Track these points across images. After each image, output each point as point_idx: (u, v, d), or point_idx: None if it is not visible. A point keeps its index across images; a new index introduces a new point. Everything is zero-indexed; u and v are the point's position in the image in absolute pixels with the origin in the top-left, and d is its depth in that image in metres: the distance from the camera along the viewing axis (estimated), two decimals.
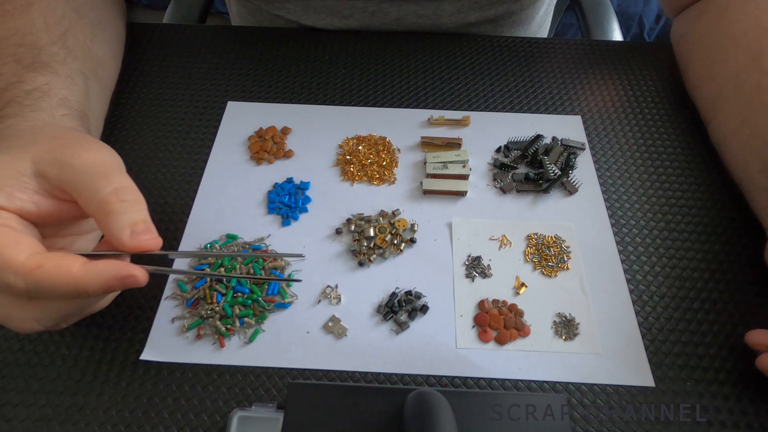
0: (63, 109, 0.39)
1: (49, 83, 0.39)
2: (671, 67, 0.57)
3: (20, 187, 0.30)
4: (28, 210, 0.30)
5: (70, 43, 0.44)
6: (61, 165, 0.30)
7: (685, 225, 0.45)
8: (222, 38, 0.60)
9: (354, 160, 0.48)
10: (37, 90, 0.38)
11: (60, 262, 0.28)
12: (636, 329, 0.39)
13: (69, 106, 0.40)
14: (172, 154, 0.49)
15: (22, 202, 0.30)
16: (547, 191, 0.46)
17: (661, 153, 0.50)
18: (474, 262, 0.42)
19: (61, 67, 0.41)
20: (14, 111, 0.36)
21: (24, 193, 0.30)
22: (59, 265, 0.28)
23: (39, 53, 0.41)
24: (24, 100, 0.37)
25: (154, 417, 0.35)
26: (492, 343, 0.38)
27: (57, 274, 0.28)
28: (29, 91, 0.38)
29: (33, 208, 0.30)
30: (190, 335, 0.38)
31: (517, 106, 0.53)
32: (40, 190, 0.31)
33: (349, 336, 0.38)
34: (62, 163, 0.30)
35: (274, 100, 0.53)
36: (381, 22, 0.61)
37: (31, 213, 0.30)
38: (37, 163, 0.30)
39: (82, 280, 0.28)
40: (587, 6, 0.75)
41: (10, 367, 0.37)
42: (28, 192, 0.30)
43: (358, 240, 0.43)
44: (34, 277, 0.27)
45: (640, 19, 1.49)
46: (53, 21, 0.43)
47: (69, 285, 0.28)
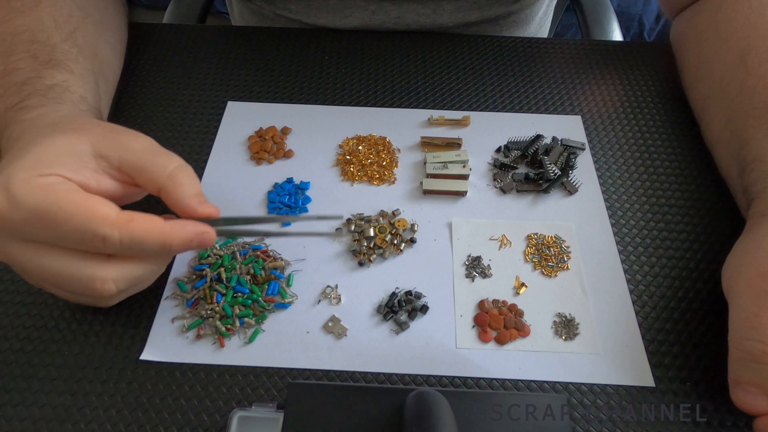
0: (83, 105, 0.40)
1: (67, 81, 0.40)
2: (671, 67, 0.57)
3: (83, 165, 0.32)
4: (90, 186, 0.32)
5: (80, 42, 0.44)
6: (122, 147, 0.33)
7: (685, 225, 0.45)
8: (222, 38, 0.60)
9: (354, 160, 0.48)
10: (58, 86, 0.39)
11: (150, 218, 0.31)
12: (636, 329, 0.39)
13: (87, 103, 0.41)
14: None
15: (85, 178, 0.32)
16: (547, 191, 0.46)
17: (661, 153, 0.50)
18: (474, 262, 0.42)
19: (74, 65, 0.42)
20: (39, 102, 0.37)
21: (86, 171, 0.32)
22: (150, 219, 0.31)
23: (53, 51, 0.41)
24: (47, 93, 0.38)
25: (154, 417, 0.35)
26: (492, 343, 0.38)
27: (149, 228, 0.31)
28: (50, 86, 0.39)
29: (94, 185, 0.32)
30: (190, 335, 0.38)
31: (517, 106, 0.53)
32: (98, 170, 0.33)
33: (349, 336, 0.38)
34: (123, 146, 0.33)
35: (274, 100, 0.53)
36: (382, 21, 0.61)
37: (92, 189, 0.32)
38: (96, 145, 0.33)
39: (169, 234, 0.31)
40: (587, 6, 0.75)
41: (10, 367, 0.36)
42: (89, 170, 0.32)
43: (358, 240, 0.43)
44: (128, 229, 0.30)
45: (640, 19, 1.49)
46: (62, 19, 0.44)
47: (159, 237, 0.31)
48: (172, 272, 0.41)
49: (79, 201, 0.30)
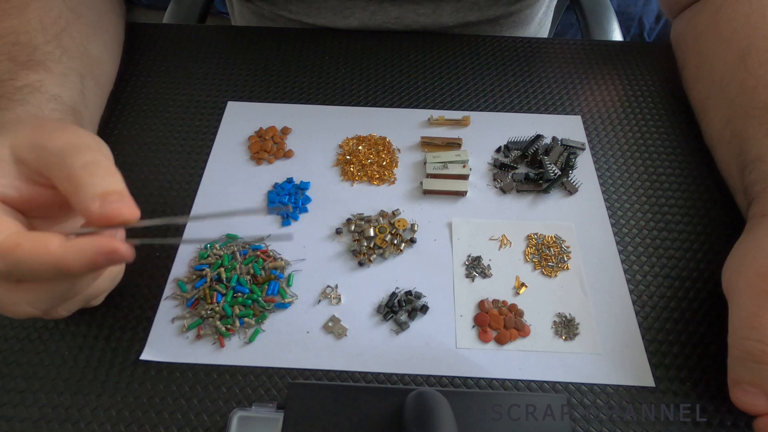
0: (53, 104, 0.39)
1: (42, 80, 0.40)
2: (671, 67, 0.57)
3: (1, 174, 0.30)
4: (9, 195, 0.30)
5: (66, 43, 0.44)
6: (37, 148, 0.30)
7: (685, 225, 0.45)
8: (222, 38, 0.60)
9: (354, 160, 0.48)
10: (28, 86, 0.38)
11: (37, 241, 0.27)
12: (636, 329, 0.39)
13: (60, 102, 0.40)
14: (172, 154, 0.49)
15: (2, 187, 0.30)
16: (547, 191, 0.46)
17: (661, 153, 0.50)
18: (474, 262, 0.42)
19: (55, 65, 0.42)
20: (2, 105, 0.37)
21: (4, 179, 0.30)
22: (37, 243, 0.27)
23: (33, 52, 0.41)
24: (14, 95, 0.37)
25: (154, 417, 0.35)
26: (492, 343, 0.38)
27: (35, 253, 0.27)
28: (20, 87, 0.38)
29: (14, 194, 0.30)
30: (190, 335, 0.38)
31: (517, 106, 0.53)
32: (20, 176, 0.30)
33: (349, 336, 0.38)
34: (37, 146, 0.30)
35: (274, 100, 0.53)
36: (382, 21, 0.61)
37: (12, 198, 0.30)
38: (15, 149, 0.30)
39: (62, 257, 0.27)
40: (587, 6, 0.75)
41: (10, 367, 0.36)
42: (8, 177, 0.30)
43: (358, 240, 0.43)
44: (13, 256, 0.27)
45: (640, 19, 1.49)
46: (49, 21, 0.44)
47: (49, 263, 0.27)
48: (172, 272, 0.41)
49: None
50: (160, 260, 0.42)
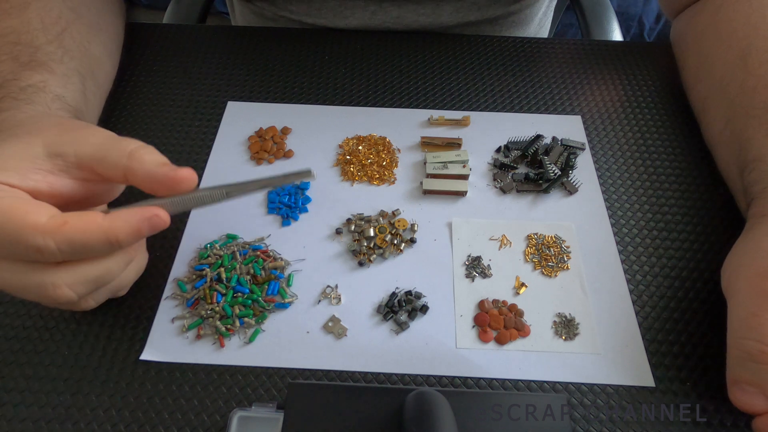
0: (58, 103, 0.39)
1: (45, 81, 0.40)
2: (671, 68, 0.57)
3: (33, 169, 0.31)
4: (42, 189, 0.31)
5: (67, 43, 0.44)
6: (78, 142, 0.32)
7: (685, 225, 0.45)
8: (222, 38, 0.60)
9: (354, 160, 0.48)
10: (33, 86, 0.39)
11: (84, 216, 0.29)
12: (636, 329, 0.39)
13: (64, 102, 0.40)
14: (172, 154, 0.49)
15: (34, 182, 0.31)
16: (547, 191, 0.46)
17: (661, 153, 0.50)
18: (474, 262, 0.42)
19: (57, 66, 0.42)
20: (9, 105, 0.37)
21: (37, 174, 0.31)
22: (86, 218, 0.29)
23: (35, 52, 0.41)
24: (19, 95, 0.38)
25: (154, 417, 0.35)
26: (492, 343, 0.38)
27: (85, 227, 0.29)
28: (24, 87, 0.38)
29: (46, 188, 0.31)
30: (190, 335, 0.38)
31: (517, 106, 0.53)
32: (54, 170, 0.32)
33: (349, 336, 0.38)
34: (79, 141, 0.32)
35: (274, 100, 0.53)
36: (382, 21, 0.61)
37: (44, 193, 0.31)
38: (50, 146, 0.32)
39: (110, 227, 0.29)
40: (587, 6, 0.75)
41: (10, 367, 0.37)
42: (41, 173, 0.31)
43: (358, 240, 0.43)
44: (62, 234, 0.28)
45: (640, 19, 1.49)
46: (50, 21, 0.44)
47: (100, 234, 0.29)
48: (172, 272, 0.41)
49: (11, 211, 0.28)
50: (160, 260, 0.42)
